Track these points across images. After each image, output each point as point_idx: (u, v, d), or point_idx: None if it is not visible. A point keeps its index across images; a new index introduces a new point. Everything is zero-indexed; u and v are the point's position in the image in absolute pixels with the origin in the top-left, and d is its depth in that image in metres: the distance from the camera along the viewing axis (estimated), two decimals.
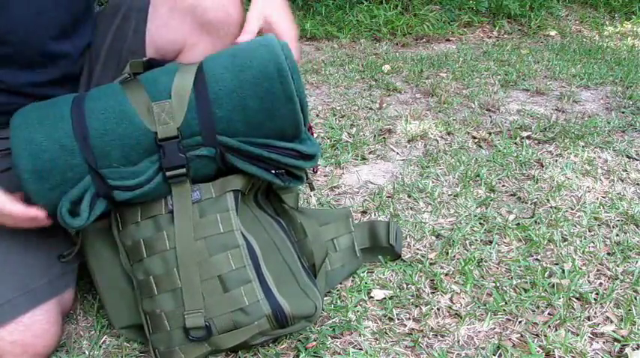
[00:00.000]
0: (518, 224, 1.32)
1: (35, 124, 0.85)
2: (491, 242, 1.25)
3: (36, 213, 0.85)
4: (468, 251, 1.22)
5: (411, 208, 1.39)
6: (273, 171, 0.89)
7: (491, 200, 1.42)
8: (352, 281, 1.11)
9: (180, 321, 0.86)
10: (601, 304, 1.05)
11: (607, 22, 3.88)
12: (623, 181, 1.55)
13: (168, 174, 0.86)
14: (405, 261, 1.17)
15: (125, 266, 0.92)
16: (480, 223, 1.32)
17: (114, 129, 0.84)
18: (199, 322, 0.85)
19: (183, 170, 0.86)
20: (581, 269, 1.15)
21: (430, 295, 1.08)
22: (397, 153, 1.72)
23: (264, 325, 0.87)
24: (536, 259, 1.19)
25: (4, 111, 0.92)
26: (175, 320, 0.86)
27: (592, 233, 1.29)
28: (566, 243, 1.25)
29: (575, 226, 1.31)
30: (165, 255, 0.87)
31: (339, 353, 0.94)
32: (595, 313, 1.03)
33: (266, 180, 0.91)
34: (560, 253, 1.21)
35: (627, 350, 0.95)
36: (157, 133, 0.84)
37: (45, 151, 0.83)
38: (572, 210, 1.39)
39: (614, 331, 0.99)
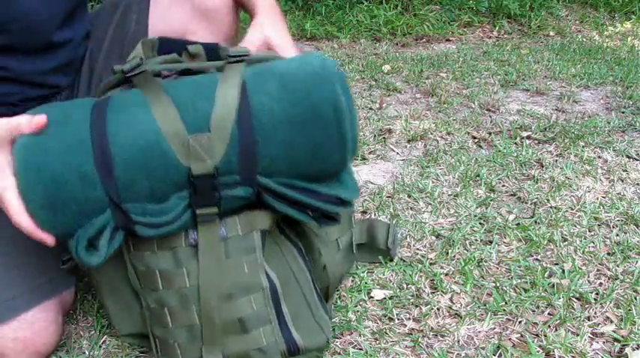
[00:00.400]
0: (518, 224, 1.32)
1: (48, 145, 0.73)
2: (491, 242, 1.25)
3: (43, 238, 0.76)
4: (468, 251, 1.22)
5: (411, 208, 1.39)
6: (310, 213, 0.81)
7: (491, 200, 1.42)
8: (352, 281, 1.11)
9: (194, 354, 0.82)
10: (601, 304, 1.05)
11: (607, 22, 3.88)
12: (623, 181, 1.55)
13: (198, 212, 0.77)
14: (405, 260, 1.17)
15: (134, 284, 0.86)
16: (480, 223, 1.32)
17: (142, 160, 0.73)
18: (218, 357, 0.82)
19: (215, 209, 0.77)
20: (581, 269, 1.15)
21: (430, 295, 1.08)
22: (397, 153, 1.72)
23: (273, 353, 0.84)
24: (536, 259, 1.19)
25: (10, 102, 0.92)
26: (189, 353, 0.83)
27: (592, 233, 1.29)
28: (566, 243, 1.25)
29: (575, 226, 1.31)
30: (183, 291, 0.80)
31: (339, 353, 0.94)
32: (595, 313, 1.03)
33: (301, 220, 0.83)
34: (560, 253, 1.21)
35: (627, 350, 0.95)
36: (191, 169, 0.74)
37: (61, 182, 0.72)
38: (572, 210, 1.39)
39: (614, 331, 0.99)
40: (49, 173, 0.72)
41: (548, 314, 1.03)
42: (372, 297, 1.07)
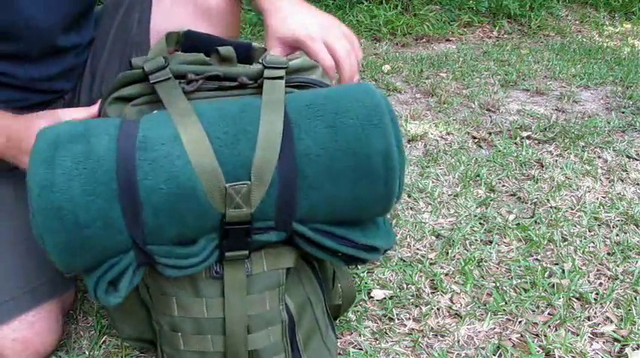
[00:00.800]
0: (518, 224, 1.32)
1: (69, 185, 0.65)
2: (491, 242, 1.25)
3: None
4: (468, 251, 1.22)
5: (411, 208, 1.39)
6: (339, 255, 0.77)
7: (491, 200, 1.42)
8: (352, 281, 1.11)
9: None
10: (601, 304, 1.05)
11: (607, 22, 3.88)
12: (623, 181, 1.55)
13: (227, 255, 0.73)
14: (405, 260, 1.17)
15: (144, 299, 0.84)
16: (480, 223, 1.32)
17: (173, 205, 0.67)
18: None
19: (246, 252, 0.74)
20: (581, 269, 1.15)
21: (430, 295, 1.08)
22: None
23: None
24: (536, 259, 1.19)
25: (13, 108, 0.92)
26: None
27: (592, 233, 1.29)
28: (566, 243, 1.25)
29: (575, 226, 1.31)
30: (200, 321, 0.77)
31: (339, 353, 0.94)
32: (595, 313, 1.03)
33: (327, 259, 0.79)
34: (560, 253, 1.21)
35: (627, 350, 0.95)
36: (226, 216, 0.69)
37: (84, 226, 0.65)
38: (572, 210, 1.39)
39: (614, 331, 0.99)
40: (71, 217, 0.65)
41: (548, 314, 1.03)
42: (372, 297, 1.07)
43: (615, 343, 0.96)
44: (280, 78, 0.76)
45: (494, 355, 0.94)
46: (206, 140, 0.68)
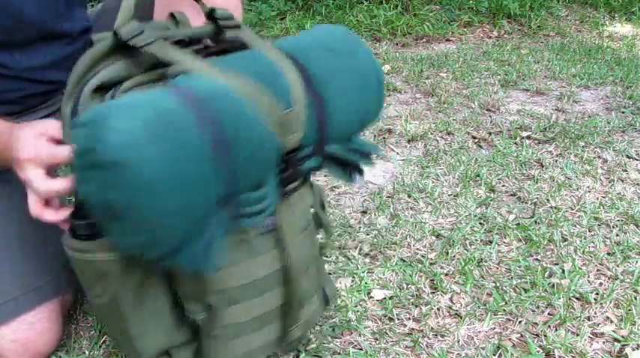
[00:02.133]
0: (518, 224, 1.32)
1: (173, 156, 0.59)
2: (491, 242, 1.25)
3: (63, 218, 0.69)
4: (468, 251, 1.22)
5: (411, 208, 1.39)
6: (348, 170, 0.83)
7: (491, 200, 1.42)
8: (352, 281, 1.11)
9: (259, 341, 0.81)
10: (601, 304, 1.05)
11: (607, 22, 3.88)
12: (623, 181, 1.55)
13: (286, 189, 0.75)
14: (405, 260, 1.17)
15: (183, 290, 0.77)
16: (480, 223, 1.32)
17: (255, 150, 0.67)
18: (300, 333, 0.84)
19: (297, 183, 0.77)
20: (581, 269, 1.15)
21: (430, 295, 1.08)
22: (397, 153, 1.72)
23: (320, 310, 0.89)
24: (536, 259, 1.19)
25: (9, 100, 0.92)
26: (255, 342, 0.81)
27: (592, 233, 1.29)
28: (566, 243, 1.25)
29: (575, 226, 1.31)
30: (256, 283, 0.77)
31: (339, 353, 0.94)
32: (595, 313, 1.03)
33: (340, 178, 0.84)
34: (560, 253, 1.21)
35: (627, 350, 0.95)
36: (286, 143, 0.71)
37: (189, 186, 0.61)
38: (572, 210, 1.39)
39: (614, 331, 0.99)
40: (178, 181, 0.59)
41: (548, 314, 1.03)
42: (372, 297, 1.07)
43: (615, 343, 0.96)
44: (237, 27, 0.78)
45: (494, 355, 0.94)
46: (251, 80, 0.68)
